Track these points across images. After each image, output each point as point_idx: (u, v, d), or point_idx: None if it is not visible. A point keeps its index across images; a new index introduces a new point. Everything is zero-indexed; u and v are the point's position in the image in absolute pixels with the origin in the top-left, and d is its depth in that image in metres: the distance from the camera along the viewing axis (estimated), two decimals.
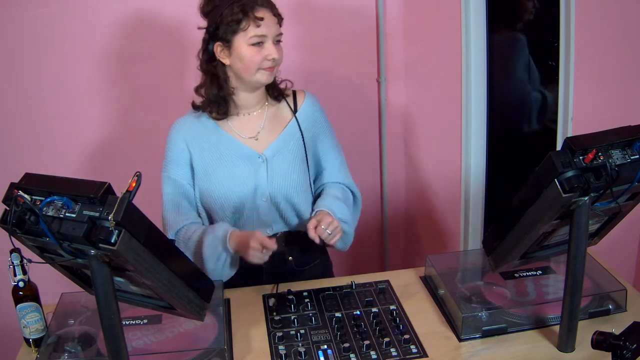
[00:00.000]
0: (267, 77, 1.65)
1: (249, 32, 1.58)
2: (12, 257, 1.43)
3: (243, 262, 1.70)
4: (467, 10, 2.36)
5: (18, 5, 2.14)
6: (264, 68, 1.62)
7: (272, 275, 1.77)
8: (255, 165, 1.70)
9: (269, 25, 1.60)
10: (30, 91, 2.25)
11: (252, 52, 1.60)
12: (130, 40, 2.24)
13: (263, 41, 1.60)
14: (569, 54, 2.32)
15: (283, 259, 1.78)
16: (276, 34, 1.62)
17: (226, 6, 1.59)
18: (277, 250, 1.67)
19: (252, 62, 1.61)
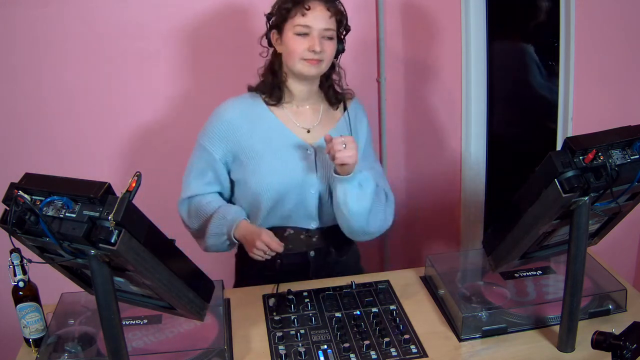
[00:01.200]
0: (309, 69, 1.63)
1: (295, 21, 1.60)
2: (12, 257, 1.43)
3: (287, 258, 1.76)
4: (467, 10, 2.36)
5: (18, 5, 2.13)
6: (305, 59, 1.62)
7: (317, 269, 1.80)
8: (305, 157, 1.70)
9: (317, 17, 1.59)
10: (30, 91, 2.25)
11: (295, 41, 1.61)
12: (130, 40, 2.24)
13: (308, 32, 1.60)
14: (569, 54, 2.32)
15: (328, 251, 1.81)
16: (324, 28, 1.61)
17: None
18: (323, 244, 1.79)
19: (295, 51, 1.62)
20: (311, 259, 1.80)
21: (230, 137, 1.70)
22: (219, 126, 1.71)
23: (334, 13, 1.62)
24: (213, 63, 2.30)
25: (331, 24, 1.62)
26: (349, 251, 1.89)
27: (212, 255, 2.14)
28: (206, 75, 2.33)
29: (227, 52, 2.30)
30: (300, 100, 1.74)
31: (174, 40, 2.27)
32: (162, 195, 2.32)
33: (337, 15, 1.64)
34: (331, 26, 1.62)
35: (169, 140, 2.37)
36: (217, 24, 2.26)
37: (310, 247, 1.79)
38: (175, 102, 2.35)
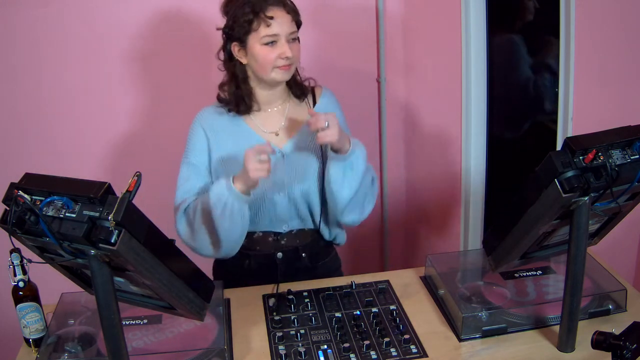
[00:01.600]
0: (282, 75, 1.64)
1: (260, 32, 1.59)
2: (12, 257, 1.43)
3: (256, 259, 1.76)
4: (467, 10, 2.36)
5: (18, 5, 2.14)
6: (278, 66, 1.62)
7: (286, 272, 1.78)
8: (274, 160, 1.69)
9: (281, 24, 1.59)
10: (30, 91, 2.25)
11: (265, 51, 1.60)
12: (130, 40, 2.24)
13: (276, 40, 1.60)
14: (569, 54, 2.32)
15: (297, 255, 1.80)
16: (289, 32, 1.61)
17: (239, 6, 1.59)
18: (292, 247, 1.77)
19: (266, 61, 1.61)
20: (279, 261, 1.78)
21: (204, 146, 1.72)
22: (194, 138, 1.73)
23: (293, 14, 1.63)
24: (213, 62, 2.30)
25: (294, 26, 1.63)
26: (326, 258, 1.88)
27: None
28: (206, 75, 2.33)
29: None
30: (268, 104, 1.74)
31: (174, 40, 2.28)
32: (162, 195, 2.32)
33: (296, 15, 1.64)
34: (294, 28, 1.63)
35: (169, 140, 2.37)
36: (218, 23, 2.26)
37: (278, 249, 1.78)
38: (175, 101, 2.36)
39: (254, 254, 1.78)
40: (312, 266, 1.83)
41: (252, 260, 1.79)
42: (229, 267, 1.81)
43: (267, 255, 1.78)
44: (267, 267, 1.78)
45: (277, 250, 1.78)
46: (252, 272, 1.79)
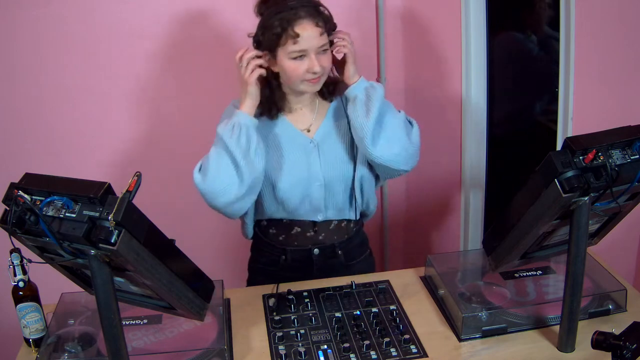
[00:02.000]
0: (312, 87, 1.64)
1: (287, 47, 1.56)
2: (12, 257, 1.43)
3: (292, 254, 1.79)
4: (467, 10, 2.36)
5: (19, 5, 2.13)
6: (307, 80, 1.60)
7: (322, 268, 1.80)
8: (308, 152, 1.70)
9: (309, 39, 1.55)
10: (31, 91, 2.25)
11: (293, 65, 1.58)
12: (130, 41, 2.24)
13: (304, 54, 1.57)
14: (569, 54, 2.32)
15: (333, 252, 1.81)
16: (318, 46, 1.57)
17: (269, 17, 1.56)
18: (327, 244, 1.79)
19: (295, 75, 1.59)
20: (315, 257, 1.80)
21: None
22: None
23: (323, 26, 1.57)
24: (214, 63, 2.30)
25: (324, 39, 1.58)
26: (361, 256, 1.89)
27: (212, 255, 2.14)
28: (206, 76, 2.33)
29: (227, 54, 2.29)
30: (299, 103, 1.74)
31: (175, 40, 2.27)
32: (162, 195, 2.32)
33: (326, 25, 1.59)
34: (324, 41, 1.58)
35: (169, 139, 2.37)
36: (219, 25, 2.26)
37: (315, 244, 1.79)
38: (175, 101, 2.35)
39: (290, 249, 1.79)
40: (346, 264, 1.84)
41: (289, 256, 1.80)
42: (266, 261, 1.84)
43: (304, 251, 1.80)
44: (303, 263, 1.80)
45: (314, 245, 1.79)
46: (288, 267, 1.81)
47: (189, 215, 2.45)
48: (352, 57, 1.64)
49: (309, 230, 1.79)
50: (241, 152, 1.56)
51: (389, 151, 1.63)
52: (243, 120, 1.59)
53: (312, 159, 1.71)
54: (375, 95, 1.64)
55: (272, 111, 1.70)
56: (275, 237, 1.81)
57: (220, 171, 1.57)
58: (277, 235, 1.81)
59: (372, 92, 1.65)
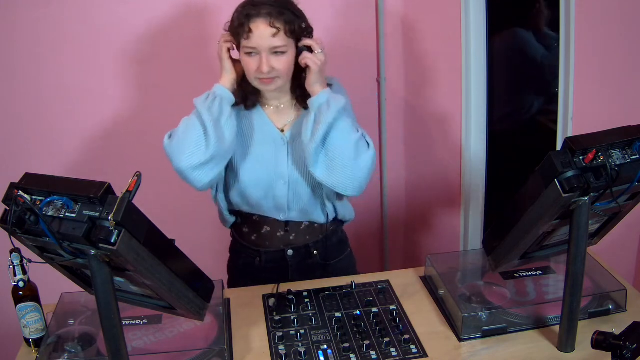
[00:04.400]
0: (264, 87, 1.63)
1: (243, 42, 1.57)
2: (12, 257, 1.43)
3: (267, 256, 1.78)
4: (467, 10, 2.36)
5: (18, 6, 2.14)
6: (259, 78, 1.60)
7: (297, 270, 1.80)
8: (277, 147, 1.70)
9: (260, 38, 1.54)
10: (30, 91, 2.25)
11: (246, 61, 1.59)
12: (130, 41, 2.24)
13: (255, 52, 1.57)
14: (569, 54, 2.32)
15: (308, 252, 1.80)
16: (270, 47, 1.56)
17: (238, 10, 1.59)
18: (300, 244, 1.78)
19: (248, 71, 1.61)
20: (289, 258, 1.79)
21: None
22: None
23: (279, 28, 1.54)
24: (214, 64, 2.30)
25: (278, 40, 1.55)
26: (340, 256, 1.88)
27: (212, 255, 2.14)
28: (207, 76, 2.32)
29: None
30: (276, 100, 1.73)
31: (174, 41, 2.27)
32: (162, 195, 2.32)
33: (286, 25, 1.56)
34: (278, 43, 1.55)
35: None
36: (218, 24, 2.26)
37: (288, 245, 1.79)
38: (175, 102, 2.35)
39: (264, 251, 1.79)
40: (324, 264, 1.83)
41: (263, 257, 1.80)
42: (241, 265, 1.84)
43: (277, 252, 1.79)
44: (279, 265, 1.80)
45: (287, 246, 1.79)
46: (263, 269, 1.80)
47: (189, 215, 2.45)
48: (316, 68, 1.58)
49: (279, 230, 1.78)
50: (211, 119, 1.58)
51: (329, 174, 1.59)
52: (218, 91, 1.63)
53: (280, 156, 1.70)
54: (327, 114, 1.57)
55: (246, 101, 1.70)
56: (249, 237, 1.81)
57: (187, 134, 1.59)
58: (249, 235, 1.80)
59: (325, 110, 1.57)
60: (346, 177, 1.58)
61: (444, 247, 2.74)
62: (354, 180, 1.59)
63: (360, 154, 1.59)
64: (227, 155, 1.64)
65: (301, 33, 1.60)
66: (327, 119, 1.56)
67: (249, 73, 1.61)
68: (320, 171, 1.59)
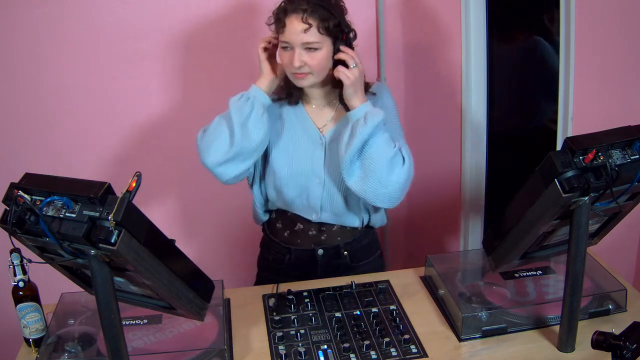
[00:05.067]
0: (299, 82, 1.64)
1: (279, 37, 1.62)
2: (12, 257, 1.43)
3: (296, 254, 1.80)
4: (467, 10, 2.36)
5: (18, 6, 2.13)
6: (293, 73, 1.62)
7: (326, 269, 1.80)
8: (315, 145, 1.72)
9: (292, 33, 1.57)
10: (30, 91, 2.25)
11: (282, 55, 1.63)
12: (130, 41, 2.24)
13: (289, 46, 1.60)
14: (569, 54, 2.32)
15: (338, 253, 1.81)
16: (302, 42, 1.57)
17: (277, 7, 1.62)
18: (331, 245, 1.79)
19: (283, 64, 1.65)
20: (319, 257, 1.80)
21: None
22: None
23: (313, 22, 1.55)
24: (213, 64, 2.30)
25: (311, 36, 1.56)
26: (369, 258, 1.88)
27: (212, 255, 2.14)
28: (205, 76, 2.33)
29: (227, 54, 2.30)
30: (318, 99, 1.74)
31: (174, 41, 2.27)
32: (162, 195, 2.32)
33: (320, 22, 1.57)
34: (310, 39, 1.56)
35: (169, 140, 2.37)
36: (219, 25, 2.26)
37: (319, 244, 1.79)
38: (175, 102, 2.36)
39: (294, 249, 1.80)
40: (353, 265, 1.84)
41: (293, 255, 1.81)
42: (273, 259, 1.85)
43: (308, 251, 1.80)
44: (307, 263, 1.80)
45: (317, 246, 1.79)
46: (292, 267, 1.81)
47: (189, 215, 2.45)
48: (349, 83, 1.58)
49: (312, 229, 1.79)
50: (239, 118, 1.62)
51: (362, 186, 1.60)
52: (253, 92, 1.66)
53: (316, 155, 1.72)
54: (363, 130, 1.57)
55: (290, 97, 1.73)
56: (281, 234, 1.82)
57: (215, 131, 1.65)
58: (282, 231, 1.81)
59: (361, 125, 1.57)
60: (379, 191, 1.60)
61: (444, 247, 2.74)
62: (386, 194, 1.61)
63: (394, 169, 1.60)
64: (255, 153, 1.66)
65: (337, 32, 1.61)
66: (363, 135, 1.57)
67: (285, 67, 1.64)
68: (354, 182, 1.62)
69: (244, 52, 2.26)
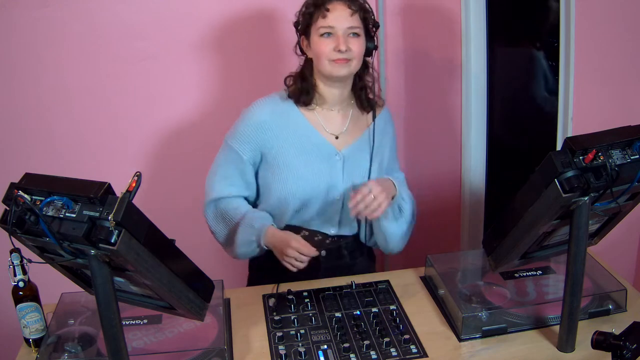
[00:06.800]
0: (338, 69, 1.63)
1: (318, 23, 1.61)
2: (12, 257, 1.43)
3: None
4: (467, 11, 2.36)
5: (18, 6, 2.13)
6: (333, 59, 1.62)
7: (327, 270, 1.79)
8: (332, 163, 1.71)
9: (338, 17, 1.59)
10: (30, 91, 2.25)
11: (321, 42, 1.62)
12: (131, 40, 2.24)
13: (332, 32, 1.60)
14: (569, 54, 2.32)
15: (339, 254, 1.81)
16: (347, 27, 1.60)
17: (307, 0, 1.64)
18: (335, 246, 1.80)
19: (321, 52, 1.62)
20: (322, 259, 1.79)
21: (260, 138, 1.69)
22: (249, 127, 1.70)
23: (356, 10, 1.61)
24: (213, 64, 2.30)
25: (354, 21, 1.62)
26: (364, 253, 1.90)
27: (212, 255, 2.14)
28: (206, 76, 2.33)
29: (227, 54, 2.30)
30: (331, 104, 1.73)
31: (173, 41, 2.27)
32: (162, 195, 2.32)
33: (361, 11, 1.63)
34: (355, 23, 1.61)
35: (169, 140, 2.37)
36: (219, 25, 2.26)
37: (323, 247, 1.79)
38: (175, 102, 2.36)
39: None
40: (351, 263, 1.84)
41: None
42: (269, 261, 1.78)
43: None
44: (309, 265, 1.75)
45: (320, 248, 1.77)
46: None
47: (189, 215, 2.45)
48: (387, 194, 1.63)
49: (317, 234, 1.79)
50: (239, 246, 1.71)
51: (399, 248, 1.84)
52: (263, 233, 1.68)
53: (335, 172, 1.72)
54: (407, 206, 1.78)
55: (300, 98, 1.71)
56: None
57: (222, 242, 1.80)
58: None
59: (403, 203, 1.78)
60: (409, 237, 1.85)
61: (444, 247, 2.74)
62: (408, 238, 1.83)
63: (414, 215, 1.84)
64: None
65: (370, 23, 1.66)
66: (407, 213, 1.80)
67: (323, 55, 1.62)
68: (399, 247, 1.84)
69: (244, 52, 2.27)
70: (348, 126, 1.74)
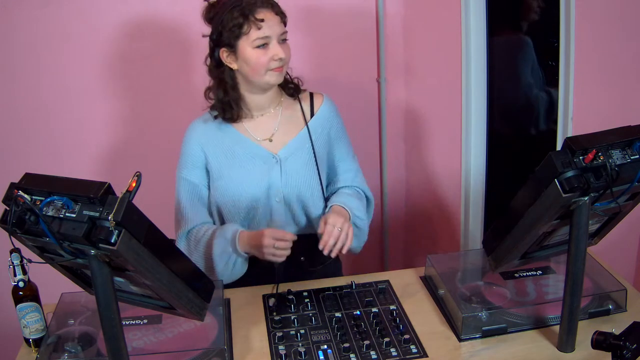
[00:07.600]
0: (277, 77, 1.64)
1: (251, 35, 1.58)
2: (12, 257, 1.43)
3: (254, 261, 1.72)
4: (467, 10, 2.36)
5: (18, 6, 2.14)
6: (272, 69, 1.62)
7: (285, 276, 1.76)
8: (269, 166, 1.71)
9: (271, 26, 1.59)
10: (30, 91, 2.25)
11: (257, 54, 1.59)
12: (130, 40, 2.24)
13: (267, 42, 1.59)
14: (569, 54, 2.32)
15: (295, 259, 1.77)
16: (280, 33, 1.61)
17: (226, 11, 1.58)
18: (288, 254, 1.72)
19: (259, 64, 1.60)
20: (277, 266, 1.70)
21: (201, 158, 1.72)
22: (188, 150, 1.73)
23: (280, 13, 1.62)
24: None
25: (282, 26, 1.63)
26: (326, 261, 1.85)
27: None
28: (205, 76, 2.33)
29: None
30: (260, 110, 1.73)
31: (175, 40, 2.28)
32: (162, 195, 2.32)
33: (284, 17, 1.64)
34: (284, 28, 1.63)
35: (168, 139, 2.37)
36: None
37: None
38: (177, 101, 2.36)
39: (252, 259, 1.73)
40: (311, 270, 1.82)
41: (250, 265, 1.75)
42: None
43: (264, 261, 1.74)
44: (266, 271, 1.74)
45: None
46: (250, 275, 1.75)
47: None
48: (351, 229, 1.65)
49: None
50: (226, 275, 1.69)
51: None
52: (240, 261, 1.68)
53: (273, 175, 1.70)
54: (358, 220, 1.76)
55: (226, 113, 1.70)
56: None
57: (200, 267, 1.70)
58: None
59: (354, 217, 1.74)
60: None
61: (444, 247, 2.74)
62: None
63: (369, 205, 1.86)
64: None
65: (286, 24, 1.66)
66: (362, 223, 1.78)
67: (261, 66, 1.61)
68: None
69: None
70: (279, 127, 1.74)
